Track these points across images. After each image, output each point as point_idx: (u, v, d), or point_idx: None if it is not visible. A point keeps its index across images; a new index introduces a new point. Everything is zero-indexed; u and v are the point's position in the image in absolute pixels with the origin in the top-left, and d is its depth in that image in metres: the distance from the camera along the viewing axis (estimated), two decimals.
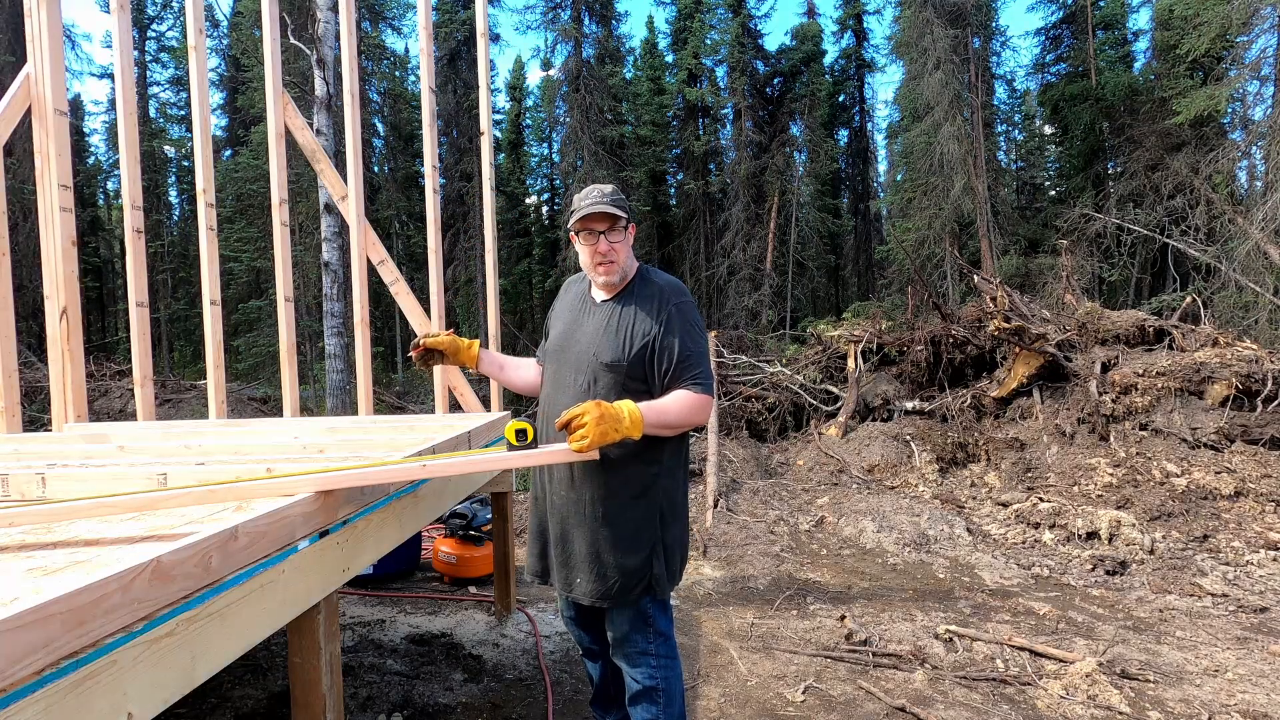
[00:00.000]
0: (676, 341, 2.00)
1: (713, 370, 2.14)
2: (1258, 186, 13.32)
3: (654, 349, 2.00)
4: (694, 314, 2.09)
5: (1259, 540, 4.97)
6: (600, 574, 2.00)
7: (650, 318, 2.02)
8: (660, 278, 2.15)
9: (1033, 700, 2.89)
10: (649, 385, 2.01)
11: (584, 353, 2.06)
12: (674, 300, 2.06)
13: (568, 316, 2.18)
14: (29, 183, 12.53)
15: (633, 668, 2.08)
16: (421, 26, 4.24)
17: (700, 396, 1.97)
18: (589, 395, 1.99)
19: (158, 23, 23.58)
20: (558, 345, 2.16)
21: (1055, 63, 21.09)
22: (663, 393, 1.99)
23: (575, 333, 2.12)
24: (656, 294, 2.07)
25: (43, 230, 3.55)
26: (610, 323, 2.06)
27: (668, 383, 1.99)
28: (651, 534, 2.02)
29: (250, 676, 3.03)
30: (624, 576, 1.99)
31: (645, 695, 2.08)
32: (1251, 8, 12.05)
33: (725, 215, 21.66)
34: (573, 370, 2.07)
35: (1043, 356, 7.60)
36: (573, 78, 19.78)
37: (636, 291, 2.10)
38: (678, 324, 2.03)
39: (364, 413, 4.16)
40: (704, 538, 5.36)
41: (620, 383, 1.99)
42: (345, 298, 10.26)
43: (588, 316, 2.12)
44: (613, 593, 1.99)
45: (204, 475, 2.05)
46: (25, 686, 0.94)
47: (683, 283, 2.19)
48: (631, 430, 1.81)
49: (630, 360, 1.99)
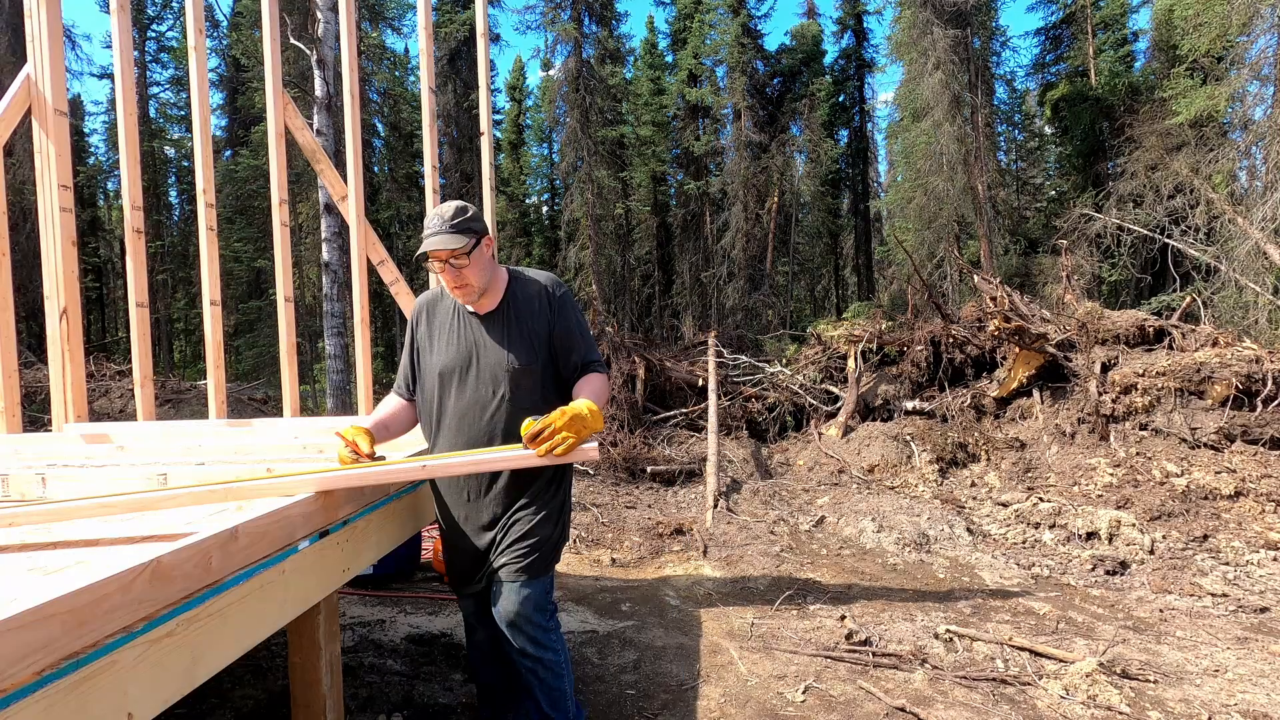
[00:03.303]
0: (576, 332, 2.17)
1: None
2: (1258, 186, 13.31)
3: (558, 340, 2.14)
4: (574, 300, 2.26)
5: (1259, 540, 4.97)
6: (532, 547, 2.10)
7: (543, 313, 2.15)
8: (534, 274, 2.24)
9: (1033, 700, 2.89)
10: (557, 376, 2.16)
11: (495, 365, 2.09)
12: (558, 293, 2.19)
13: (452, 336, 2.17)
14: (29, 183, 12.53)
15: (538, 649, 2.14)
16: (421, 26, 4.24)
17: (606, 375, 2.20)
18: (511, 402, 2.07)
19: (158, 23, 23.55)
20: (456, 365, 2.13)
21: (1055, 63, 21.10)
22: (572, 377, 2.14)
23: (473, 348, 2.13)
24: (539, 291, 2.18)
25: (43, 230, 3.55)
26: (509, 330, 2.12)
27: (578, 369, 2.15)
28: (561, 504, 2.20)
29: (250, 676, 3.03)
30: (547, 547, 2.14)
31: (552, 670, 2.18)
32: (1251, 8, 12.04)
33: (725, 215, 21.65)
34: (487, 383, 2.09)
35: (1043, 356, 7.60)
36: (573, 78, 19.77)
37: (519, 294, 2.17)
38: (571, 314, 2.18)
39: (364, 413, 4.15)
40: (704, 538, 5.36)
41: (538, 382, 2.11)
42: (345, 298, 10.26)
43: (476, 330, 2.15)
44: (539, 564, 2.12)
45: (204, 475, 2.05)
46: (25, 687, 0.94)
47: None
48: (596, 424, 1.90)
49: (541, 358, 2.12)
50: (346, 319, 10.16)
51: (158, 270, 21.65)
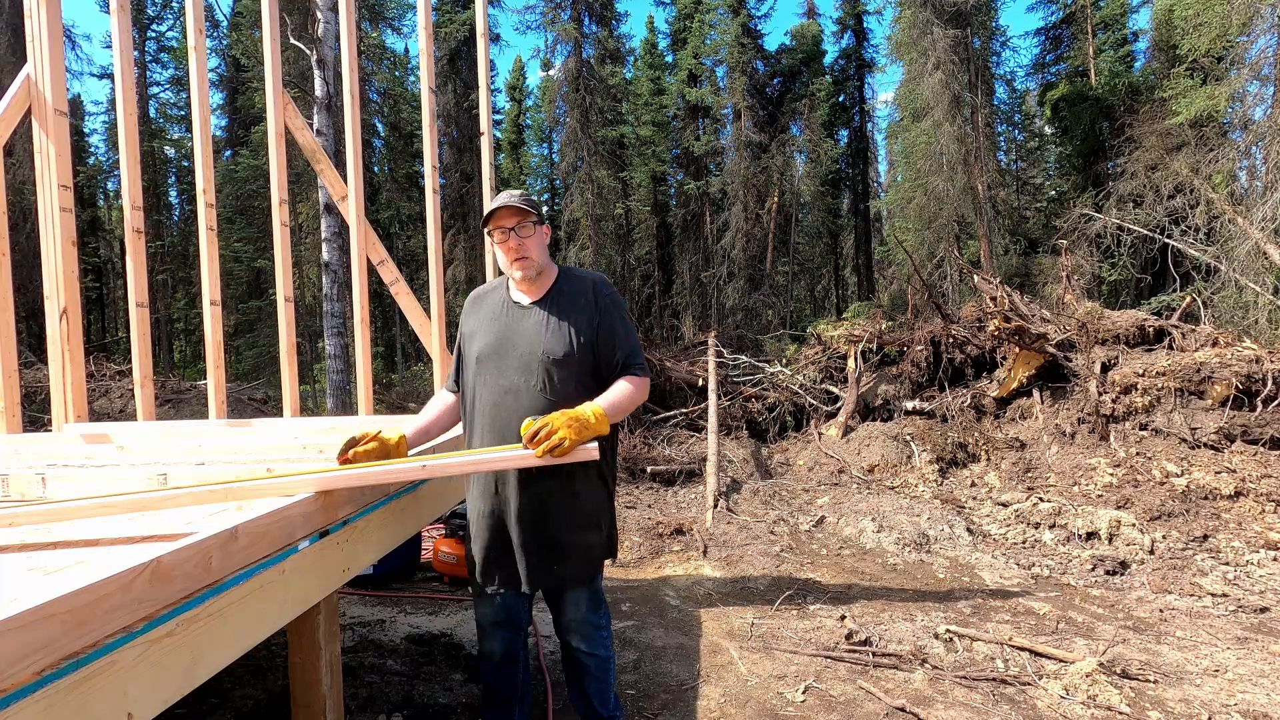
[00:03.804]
0: (619, 331, 2.15)
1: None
2: (1258, 186, 13.30)
3: (599, 337, 2.12)
4: (623, 302, 2.24)
5: (1259, 540, 4.97)
6: (574, 556, 2.11)
7: (587, 309, 2.14)
8: (583, 273, 2.24)
9: (1033, 700, 2.89)
10: (597, 373, 2.13)
11: (529, 354, 2.09)
12: (605, 291, 2.19)
13: (494, 324, 2.18)
14: (29, 183, 12.53)
15: (589, 644, 2.23)
16: (421, 26, 4.24)
17: (643, 380, 2.14)
18: (545, 393, 2.06)
19: (158, 23, 23.52)
20: (493, 351, 2.14)
21: (1055, 63, 21.10)
22: (611, 377, 2.11)
23: (512, 337, 2.14)
24: (587, 287, 2.18)
25: (43, 230, 3.55)
26: (549, 321, 2.12)
27: (616, 371, 2.12)
28: (603, 510, 2.18)
29: (250, 676, 3.03)
30: (591, 553, 2.14)
31: (602, 667, 2.26)
32: (1251, 8, 12.04)
33: (725, 215, 21.64)
34: (520, 373, 2.09)
35: (1043, 356, 7.60)
36: (573, 78, 19.77)
37: (565, 289, 2.18)
38: (616, 314, 2.17)
39: (364, 413, 4.16)
40: (704, 538, 5.36)
41: (574, 375, 2.08)
42: (345, 298, 10.26)
43: (520, 320, 2.15)
44: (583, 572, 2.14)
45: (204, 475, 2.05)
46: (25, 687, 0.94)
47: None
48: (599, 427, 1.89)
49: (579, 352, 2.09)
50: (346, 319, 10.16)
51: (158, 270, 21.65)
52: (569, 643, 2.26)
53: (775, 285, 21.45)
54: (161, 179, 24.16)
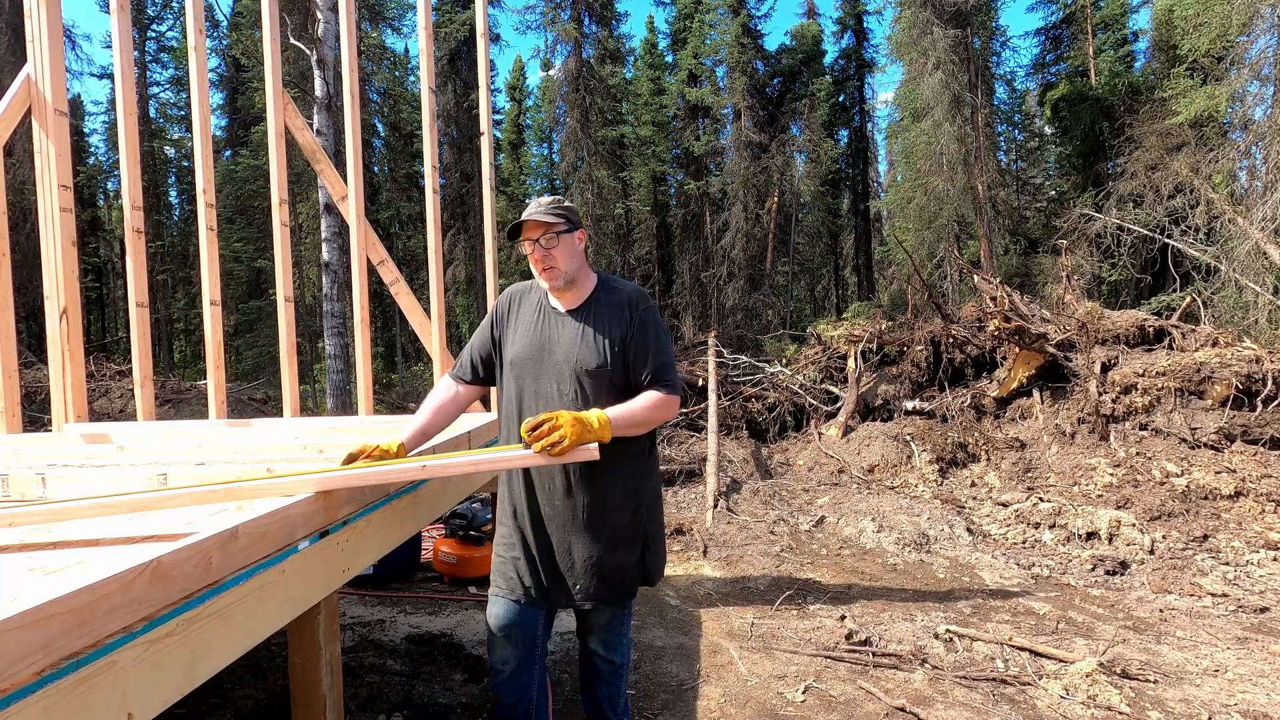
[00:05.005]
0: (651, 346, 2.11)
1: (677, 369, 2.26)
2: (1258, 186, 13.30)
3: (631, 352, 2.09)
4: (660, 318, 2.21)
5: (1259, 540, 4.97)
6: (606, 575, 2.07)
7: (623, 322, 2.11)
8: (623, 284, 2.22)
9: (1033, 700, 2.89)
10: (628, 386, 2.10)
11: (562, 363, 2.08)
12: (642, 305, 2.16)
13: (530, 329, 2.17)
14: (29, 183, 12.52)
15: (609, 650, 2.23)
16: (421, 26, 4.24)
17: (670, 396, 2.09)
18: (576, 402, 2.04)
19: (158, 23, 23.51)
20: (529, 356, 2.13)
21: (1055, 63, 21.09)
22: (640, 390, 2.09)
23: (546, 344, 2.13)
24: (625, 300, 2.15)
25: (43, 230, 3.55)
26: (585, 331, 2.10)
27: (644, 386, 2.09)
28: (641, 529, 2.14)
29: (250, 676, 3.03)
30: (627, 574, 2.11)
31: (616, 672, 2.27)
32: (1251, 8, 12.04)
33: (725, 215, 21.64)
34: (553, 380, 2.09)
35: (1043, 356, 7.60)
36: (573, 78, 19.77)
37: (603, 299, 2.16)
38: (650, 329, 2.13)
39: (364, 413, 4.16)
40: (704, 538, 5.36)
41: (605, 387, 2.06)
42: (345, 298, 10.26)
43: (556, 327, 2.14)
44: (617, 592, 2.11)
45: (204, 475, 2.05)
46: (25, 687, 0.94)
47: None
48: (601, 434, 1.86)
49: (612, 364, 2.07)
50: (346, 319, 10.16)
51: (158, 270, 21.65)
52: (588, 645, 2.24)
53: (775, 285, 21.44)
54: (161, 179, 24.17)
